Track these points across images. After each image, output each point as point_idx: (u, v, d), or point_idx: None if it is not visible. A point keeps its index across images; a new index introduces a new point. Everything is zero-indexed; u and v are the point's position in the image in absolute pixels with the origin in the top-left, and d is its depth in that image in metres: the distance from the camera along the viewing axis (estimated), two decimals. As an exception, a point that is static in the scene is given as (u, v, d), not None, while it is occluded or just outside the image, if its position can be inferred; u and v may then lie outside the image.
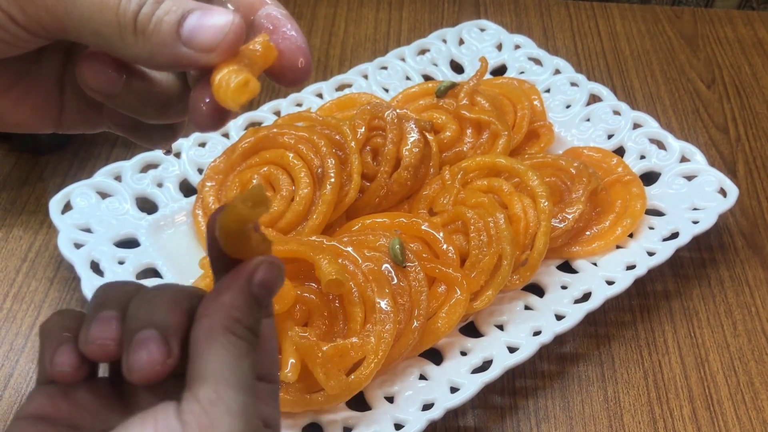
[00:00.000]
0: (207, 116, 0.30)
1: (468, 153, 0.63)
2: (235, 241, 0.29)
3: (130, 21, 0.29)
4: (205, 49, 0.29)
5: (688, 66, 0.79)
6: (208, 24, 0.29)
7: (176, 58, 0.29)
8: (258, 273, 0.29)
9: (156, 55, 0.29)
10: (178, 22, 0.29)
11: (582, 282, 0.56)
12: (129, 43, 0.29)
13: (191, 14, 0.29)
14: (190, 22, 0.29)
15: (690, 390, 0.54)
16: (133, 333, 0.28)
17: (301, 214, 0.57)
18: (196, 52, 0.29)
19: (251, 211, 0.28)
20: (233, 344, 0.28)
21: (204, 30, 0.29)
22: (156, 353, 0.27)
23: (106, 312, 0.29)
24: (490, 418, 0.52)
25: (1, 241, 0.62)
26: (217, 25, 0.29)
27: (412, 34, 0.82)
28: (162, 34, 0.29)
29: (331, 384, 0.47)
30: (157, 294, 0.29)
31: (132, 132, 0.35)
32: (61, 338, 0.29)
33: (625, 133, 0.66)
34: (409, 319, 0.51)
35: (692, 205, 0.61)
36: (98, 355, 0.28)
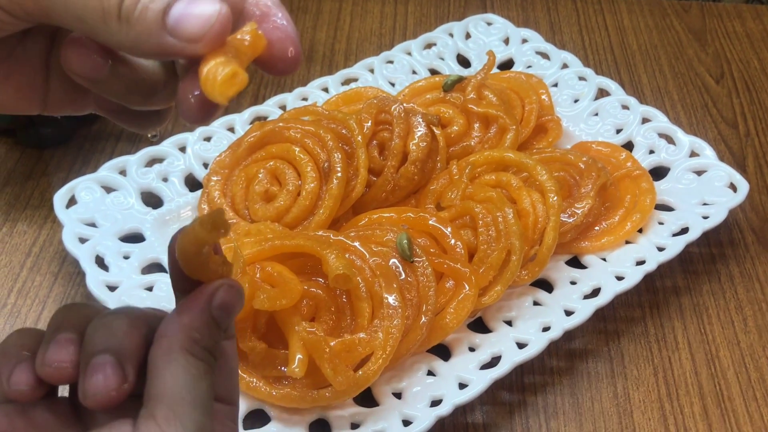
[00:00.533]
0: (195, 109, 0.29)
1: (475, 147, 0.62)
2: (194, 263, 0.29)
3: (115, 7, 0.28)
4: (191, 40, 0.28)
5: (697, 61, 0.79)
6: (194, 13, 0.28)
7: (161, 47, 0.29)
8: (217, 295, 0.29)
9: (140, 43, 0.29)
10: (163, 10, 0.28)
11: (591, 277, 0.55)
12: (113, 30, 0.28)
13: (177, 2, 0.28)
14: (176, 10, 0.28)
15: (700, 386, 0.53)
16: (89, 357, 0.28)
17: (307, 209, 0.56)
18: (181, 42, 0.28)
19: (209, 234, 0.28)
20: (191, 364, 0.28)
21: (190, 19, 0.28)
22: (112, 378, 0.27)
23: (64, 334, 0.29)
24: (499, 414, 0.52)
25: (5, 235, 0.61)
26: (204, 15, 0.28)
27: (418, 28, 0.81)
28: (147, 22, 0.28)
29: (339, 380, 0.47)
30: (116, 317, 0.29)
31: (118, 116, 0.35)
32: (19, 356, 0.29)
33: (633, 128, 0.66)
34: (417, 314, 0.50)
35: (702, 200, 0.60)
36: (54, 378, 0.28)
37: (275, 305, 0.48)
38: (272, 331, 0.51)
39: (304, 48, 0.79)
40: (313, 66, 0.77)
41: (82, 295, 0.57)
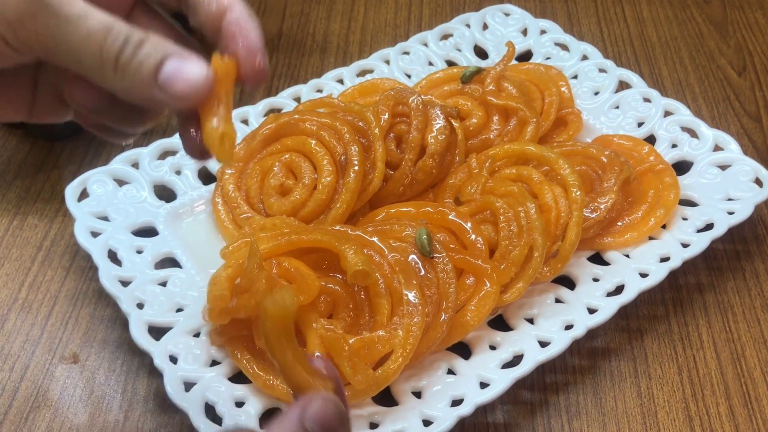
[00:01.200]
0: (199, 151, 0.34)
1: (495, 141, 0.61)
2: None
3: (112, 59, 0.31)
4: (179, 98, 0.32)
5: (718, 53, 0.77)
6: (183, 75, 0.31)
7: (151, 99, 0.32)
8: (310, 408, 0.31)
9: (132, 93, 0.32)
10: (156, 67, 0.31)
11: (614, 274, 0.54)
12: (108, 77, 0.31)
13: (169, 60, 0.31)
14: (167, 69, 0.31)
15: (726, 386, 0.52)
16: None
17: (323, 203, 0.55)
18: (170, 97, 0.32)
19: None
20: None
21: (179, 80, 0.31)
22: None
23: None
24: (520, 414, 0.50)
25: (16, 229, 0.60)
26: (192, 78, 0.31)
27: (433, 19, 0.80)
28: (140, 76, 0.31)
29: (358, 378, 0.45)
30: None
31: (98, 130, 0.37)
32: None
33: (656, 121, 0.64)
34: (437, 311, 0.49)
35: (726, 196, 0.59)
36: None
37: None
38: (289, 328, 0.50)
39: (318, 40, 0.78)
40: (327, 57, 0.76)
41: (94, 290, 0.56)
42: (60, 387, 0.51)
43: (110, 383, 0.51)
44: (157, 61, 0.31)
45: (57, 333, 0.54)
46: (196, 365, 0.49)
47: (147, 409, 0.50)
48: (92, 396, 0.51)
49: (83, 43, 0.30)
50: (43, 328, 0.54)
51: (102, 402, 0.50)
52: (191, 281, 0.54)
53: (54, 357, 0.53)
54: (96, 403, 0.50)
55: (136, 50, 0.31)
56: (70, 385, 0.51)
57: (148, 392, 0.51)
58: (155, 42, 0.31)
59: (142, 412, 0.50)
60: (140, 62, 0.31)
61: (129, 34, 0.31)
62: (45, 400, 0.50)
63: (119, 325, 0.54)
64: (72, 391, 0.51)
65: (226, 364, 0.50)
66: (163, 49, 0.31)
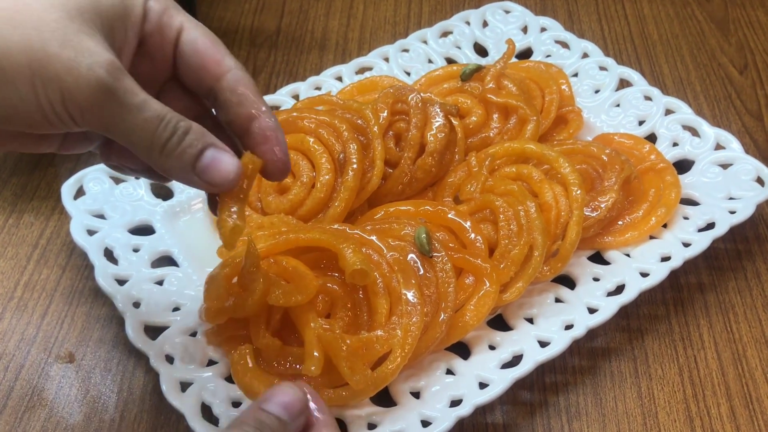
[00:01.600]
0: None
1: (494, 139, 0.60)
2: None
3: (161, 144, 0.35)
4: (211, 185, 0.37)
5: (719, 51, 0.77)
6: (217, 167, 0.36)
7: (187, 181, 0.37)
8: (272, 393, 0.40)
9: (171, 173, 0.37)
10: (196, 156, 0.36)
11: (615, 274, 0.54)
12: (154, 157, 0.36)
13: (208, 150, 0.36)
14: (205, 160, 0.36)
15: (727, 387, 0.52)
16: None
17: (322, 202, 0.55)
18: (203, 183, 0.37)
19: None
20: None
21: (213, 171, 0.36)
22: None
23: None
24: (520, 414, 0.50)
25: (12, 227, 0.60)
26: (224, 171, 0.36)
27: (433, 16, 0.79)
28: (181, 162, 0.36)
29: (356, 379, 0.45)
30: None
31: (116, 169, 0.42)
32: None
33: (657, 120, 0.64)
34: (435, 311, 0.49)
35: (728, 195, 0.59)
36: None
37: (290, 301, 0.46)
38: (286, 327, 0.49)
39: (316, 37, 0.77)
40: (325, 54, 0.75)
41: (90, 289, 0.56)
42: (55, 387, 0.51)
43: (106, 383, 0.51)
44: (198, 151, 0.36)
45: (52, 332, 0.53)
46: (193, 365, 0.49)
47: (143, 409, 0.50)
48: (88, 396, 0.50)
49: (139, 128, 0.34)
50: (39, 327, 0.54)
51: (98, 402, 0.50)
52: (188, 280, 0.53)
53: (49, 356, 0.52)
54: (91, 403, 0.50)
55: (182, 139, 0.35)
56: (65, 385, 0.51)
57: (144, 392, 0.50)
58: (197, 132, 0.36)
59: (137, 412, 0.50)
60: (183, 150, 0.36)
61: (177, 124, 0.35)
62: (40, 399, 0.50)
63: (115, 324, 0.54)
64: (67, 390, 0.50)
65: (223, 364, 0.49)
66: (203, 139, 0.36)
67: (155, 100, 0.35)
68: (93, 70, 0.33)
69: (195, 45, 0.38)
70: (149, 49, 0.38)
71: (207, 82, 0.38)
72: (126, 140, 0.35)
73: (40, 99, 0.33)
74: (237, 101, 0.38)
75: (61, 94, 0.33)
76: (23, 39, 0.32)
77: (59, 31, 0.32)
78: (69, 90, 0.32)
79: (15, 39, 0.32)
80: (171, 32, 0.37)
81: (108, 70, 0.33)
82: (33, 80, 0.32)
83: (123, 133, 0.34)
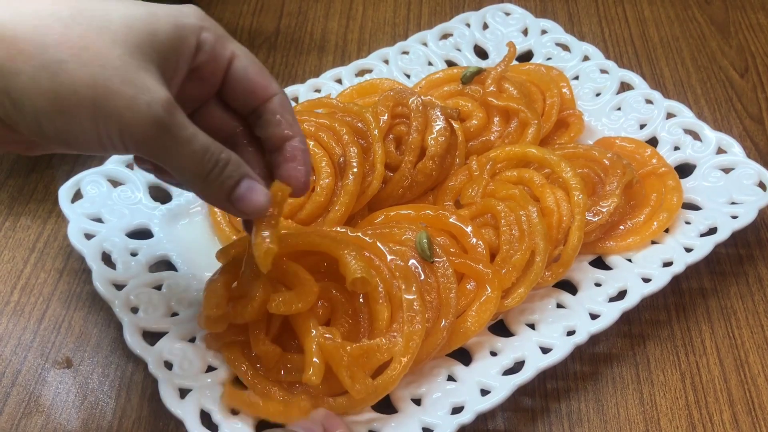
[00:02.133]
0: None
1: (495, 142, 0.60)
2: None
3: (204, 174, 0.39)
4: (243, 213, 0.41)
5: (720, 54, 0.76)
6: (250, 197, 0.40)
7: (221, 206, 0.41)
8: None
9: (209, 199, 0.41)
10: (232, 187, 0.40)
11: (617, 279, 0.53)
12: (196, 185, 0.40)
13: (243, 182, 0.40)
14: (240, 191, 0.40)
15: (730, 393, 0.51)
16: None
17: (322, 206, 0.54)
18: (236, 210, 0.41)
19: None
20: None
21: (246, 201, 0.40)
22: None
23: None
24: (521, 421, 0.50)
25: (9, 230, 0.59)
26: (256, 200, 0.40)
27: (432, 18, 0.79)
28: (219, 191, 0.40)
29: (357, 388, 0.45)
30: None
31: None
32: None
33: (658, 123, 0.64)
34: (437, 317, 0.48)
35: (730, 199, 0.58)
36: None
37: (291, 309, 0.46)
38: (286, 332, 0.49)
39: (315, 38, 0.77)
40: (325, 56, 0.75)
41: (87, 293, 0.55)
42: (52, 392, 0.50)
43: (104, 389, 0.50)
44: (235, 182, 0.40)
45: (50, 337, 0.53)
46: (192, 371, 0.48)
47: (141, 415, 0.49)
48: (85, 402, 0.50)
49: (186, 159, 0.38)
50: (36, 331, 0.53)
51: (95, 408, 0.49)
52: (186, 284, 0.53)
53: (46, 361, 0.52)
54: (89, 409, 0.49)
55: (222, 170, 0.39)
56: (62, 391, 0.50)
57: (142, 398, 0.50)
58: (236, 164, 0.39)
59: (136, 418, 0.49)
60: (222, 181, 0.39)
61: (219, 156, 0.39)
62: (37, 405, 0.49)
63: (113, 329, 0.53)
64: (65, 396, 0.50)
65: (223, 370, 0.49)
66: (240, 171, 0.40)
67: (201, 133, 0.38)
68: (151, 107, 0.35)
69: (245, 73, 0.41)
70: (200, 75, 0.40)
71: (252, 104, 0.42)
72: (173, 167, 0.38)
73: (100, 131, 0.35)
74: (276, 123, 0.42)
75: (120, 127, 0.35)
76: (89, 76, 0.34)
77: (122, 69, 0.35)
78: (128, 124, 0.35)
79: (82, 76, 0.34)
80: (222, 61, 0.40)
81: (164, 107, 0.36)
82: (95, 114, 0.35)
83: (171, 162, 0.38)
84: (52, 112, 0.34)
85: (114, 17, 0.36)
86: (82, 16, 0.35)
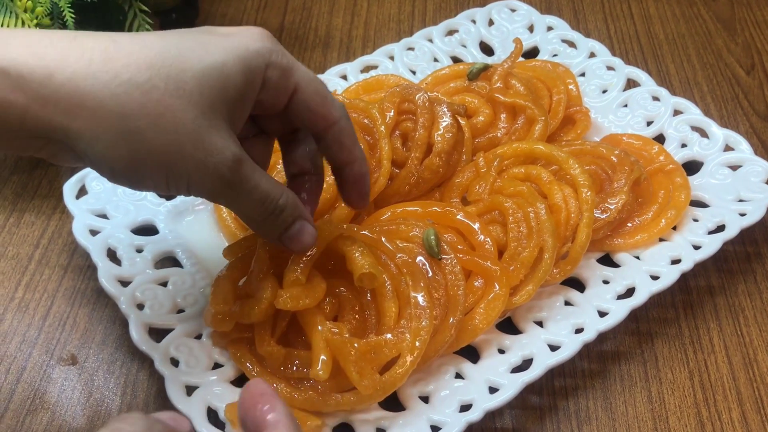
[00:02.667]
0: None
1: (502, 139, 0.60)
2: None
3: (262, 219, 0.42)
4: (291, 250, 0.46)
5: (726, 51, 0.76)
6: (300, 238, 0.44)
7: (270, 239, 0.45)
8: None
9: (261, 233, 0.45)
10: (286, 228, 0.44)
11: (625, 276, 0.53)
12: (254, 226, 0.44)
13: (296, 223, 0.44)
14: (292, 232, 0.44)
15: (739, 392, 0.51)
16: None
17: (328, 202, 0.54)
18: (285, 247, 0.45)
19: None
20: None
21: (297, 241, 0.44)
22: None
23: None
24: (529, 419, 0.49)
25: (13, 226, 0.59)
26: (304, 242, 0.44)
27: (437, 14, 0.78)
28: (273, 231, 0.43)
29: (365, 383, 0.44)
30: None
31: None
32: None
33: (665, 120, 0.63)
34: (445, 314, 0.48)
35: (738, 197, 0.58)
36: None
37: (298, 305, 0.45)
38: (293, 329, 0.49)
39: (320, 34, 0.76)
40: (329, 53, 0.74)
41: (92, 290, 0.55)
42: (57, 389, 0.50)
43: (109, 386, 0.50)
44: (288, 224, 0.43)
45: (54, 333, 0.53)
46: (198, 369, 0.48)
47: (147, 412, 0.49)
48: (91, 399, 0.49)
49: (247, 206, 0.41)
50: (40, 328, 0.53)
51: (101, 405, 0.49)
52: (192, 281, 0.53)
53: (51, 358, 0.51)
54: (95, 407, 0.49)
55: (279, 215, 0.42)
56: (68, 388, 0.50)
57: (148, 395, 0.50)
58: (291, 207, 0.43)
59: (142, 415, 0.49)
60: (277, 224, 0.43)
61: (277, 203, 0.42)
62: (42, 402, 0.49)
63: (118, 325, 0.53)
64: (70, 393, 0.50)
65: (229, 368, 0.48)
66: (294, 214, 0.43)
67: (264, 179, 0.41)
68: (218, 169, 0.38)
69: (307, 104, 0.42)
70: (263, 104, 0.42)
71: (314, 130, 0.44)
72: (233, 209, 0.42)
73: (170, 185, 0.39)
74: (338, 148, 0.44)
75: (187, 185, 0.39)
76: (164, 144, 0.37)
77: (194, 133, 0.37)
78: (195, 182, 0.38)
79: (158, 144, 0.37)
80: (284, 95, 0.42)
81: (230, 168, 0.39)
82: (167, 175, 0.38)
83: (234, 208, 0.42)
84: (127, 170, 0.37)
85: (188, 77, 0.37)
86: (159, 77, 0.36)
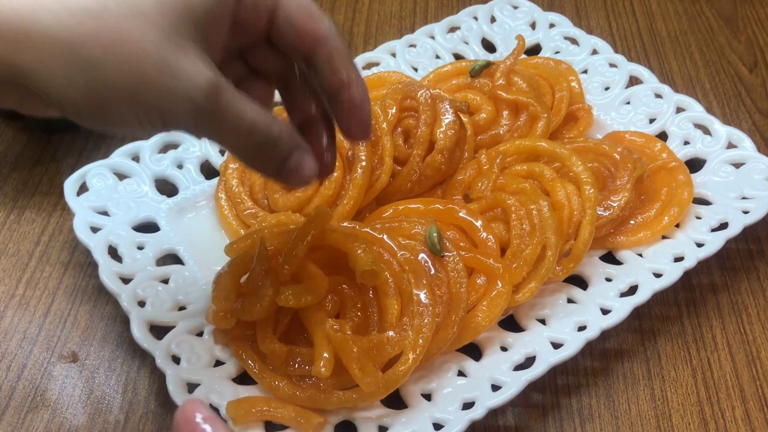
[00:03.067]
0: None
1: (504, 136, 0.59)
2: None
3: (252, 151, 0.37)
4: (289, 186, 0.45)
5: (729, 48, 0.76)
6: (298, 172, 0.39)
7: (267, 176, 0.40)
8: None
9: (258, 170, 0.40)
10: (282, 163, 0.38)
11: (628, 274, 0.53)
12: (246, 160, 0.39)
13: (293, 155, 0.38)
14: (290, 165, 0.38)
15: (742, 390, 0.51)
16: None
17: (330, 199, 0.54)
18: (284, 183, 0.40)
19: None
20: None
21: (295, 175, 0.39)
22: None
23: None
24: (532, 417, 0.49)
25: (13, 223, 0.58)
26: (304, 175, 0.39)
27: (439, 11, 0.78)
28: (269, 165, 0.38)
29: (367, 381, 0.44)
30: None
31: None
32: None
33: (668, 118, 0.63)
34: (447, 312, 0.48)
35: (741, 194, 0.58)
36: None
37: (300, 302, 0.45)
38: (295, 326, 0.48)
39: (321, 30, 0.76)
40: (331, 49, 0.74)
41: (93, 287, 0.55)
42: (58, 387, 0.50)
43: (110, 383, 0.50)
44: (285, 157, 0.38)
45: (55, 331, 0.52)
46: (199, 366, 0.48)
47: (148, 410, 0.49)
48: (92, 396, 0.49)
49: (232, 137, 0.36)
50: (41, 325, 0.53)
51: (102, 402, 0.49)
52: (194, 278, 0.53)
53: (52, 356, 0.51)
54: (95, 404, 0.49)
55: (273, 147, 0.37)
56: (68, 385, 0.50)
57: (149, 392, 0.50)
58: (286, 138, 0.38)
59: (143, 413, 0.49)
60: (273, 158, 0.38)
61: (268, 133, 0.37)
62: (43, 400, 0.49)
63: (119, 323, 0.53)
64: (71, 391, 0.50)
65: (231, 365, 0.48)
66: (290, 144, 0.38)
67: (249, 107, 0.36)
68: (191, 96, 0.34)
69: (290, 21, 0.38)
70: (242, 28, 0.38)
71: (301, 52, 0.39)
72: (220, 143, 0.38)
73: (141, 121, 0.35)
74: (330, 71, 0.39)
75: (161, 117, 0.35)
76: (126, 73, 0.33)
77: (157, 57, 0.33)
78: (168, 113, 0.34)
79: (117, 73, 0.33)
80: (264, 11, 0.38)
81: (206, 95, 0.34)
82: (134, 107, 0.34)
83: (217, 139, 0.37)
84: (90, 107, 0.34)
85: None
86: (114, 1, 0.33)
